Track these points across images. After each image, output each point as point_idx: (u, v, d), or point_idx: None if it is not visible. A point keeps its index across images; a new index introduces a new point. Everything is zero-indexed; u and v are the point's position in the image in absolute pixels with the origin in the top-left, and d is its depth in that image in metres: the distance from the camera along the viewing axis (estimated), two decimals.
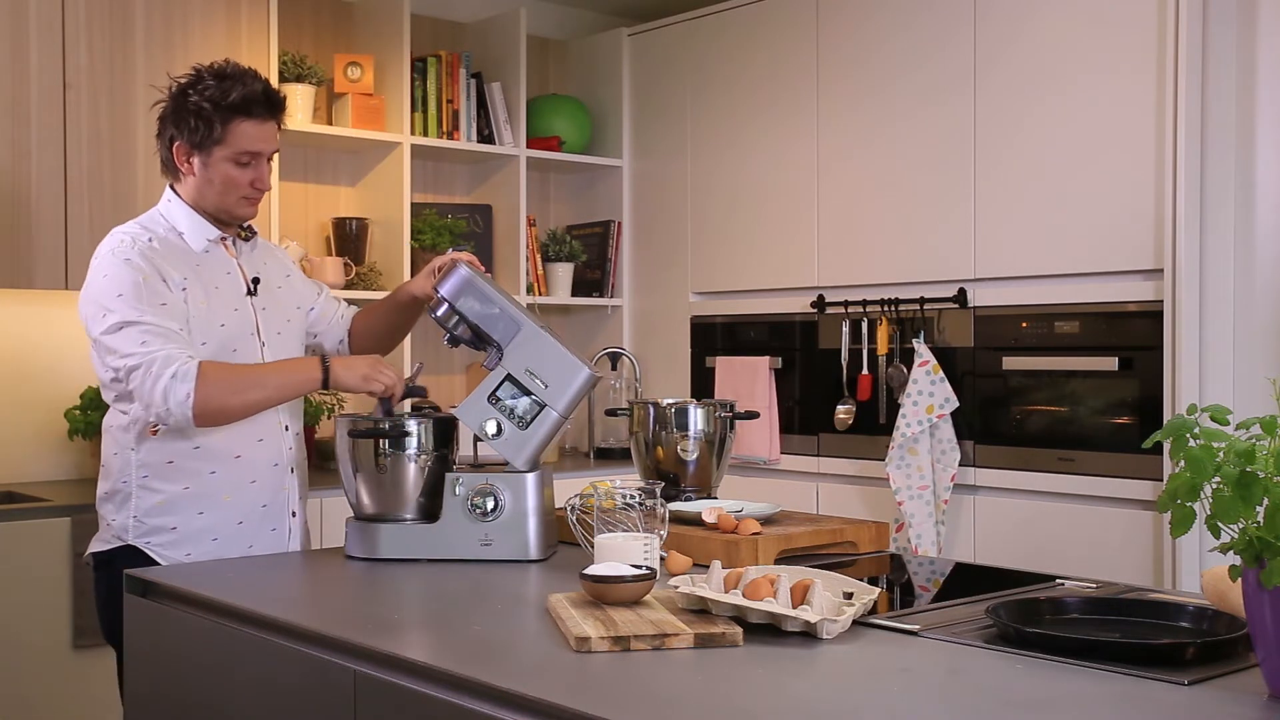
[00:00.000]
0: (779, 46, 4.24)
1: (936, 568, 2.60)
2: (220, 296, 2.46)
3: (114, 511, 2.45)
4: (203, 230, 2.48)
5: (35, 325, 3.83)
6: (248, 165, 2.45)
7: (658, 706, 1.46)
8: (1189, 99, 3.24)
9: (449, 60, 4.44)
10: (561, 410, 2.37)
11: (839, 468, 4.04)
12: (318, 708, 1.80)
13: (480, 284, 2.40)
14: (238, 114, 2.41)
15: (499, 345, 2.39)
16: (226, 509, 2.45)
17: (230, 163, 2.43)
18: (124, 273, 2.36)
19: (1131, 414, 3.35)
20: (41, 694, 3.23)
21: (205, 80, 2.43)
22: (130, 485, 2.43)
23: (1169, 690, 1.47)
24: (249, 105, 2.42)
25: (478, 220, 4.62)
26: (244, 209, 2.50)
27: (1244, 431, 1.41)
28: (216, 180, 2.44)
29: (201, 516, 2.43)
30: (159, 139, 2.50)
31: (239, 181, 2.45)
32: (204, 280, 2.45)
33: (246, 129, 2.42)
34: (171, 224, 2.48)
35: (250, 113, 2.42)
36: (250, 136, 2.43)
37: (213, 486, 2.43)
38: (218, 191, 2.45)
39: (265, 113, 2.44)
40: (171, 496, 2.42)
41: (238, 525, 2.46)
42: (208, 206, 2.48)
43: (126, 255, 2.38)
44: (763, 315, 4.30)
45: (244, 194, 2.47)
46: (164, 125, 2.48)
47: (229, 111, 2.40)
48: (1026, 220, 3.56)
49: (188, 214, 2.48)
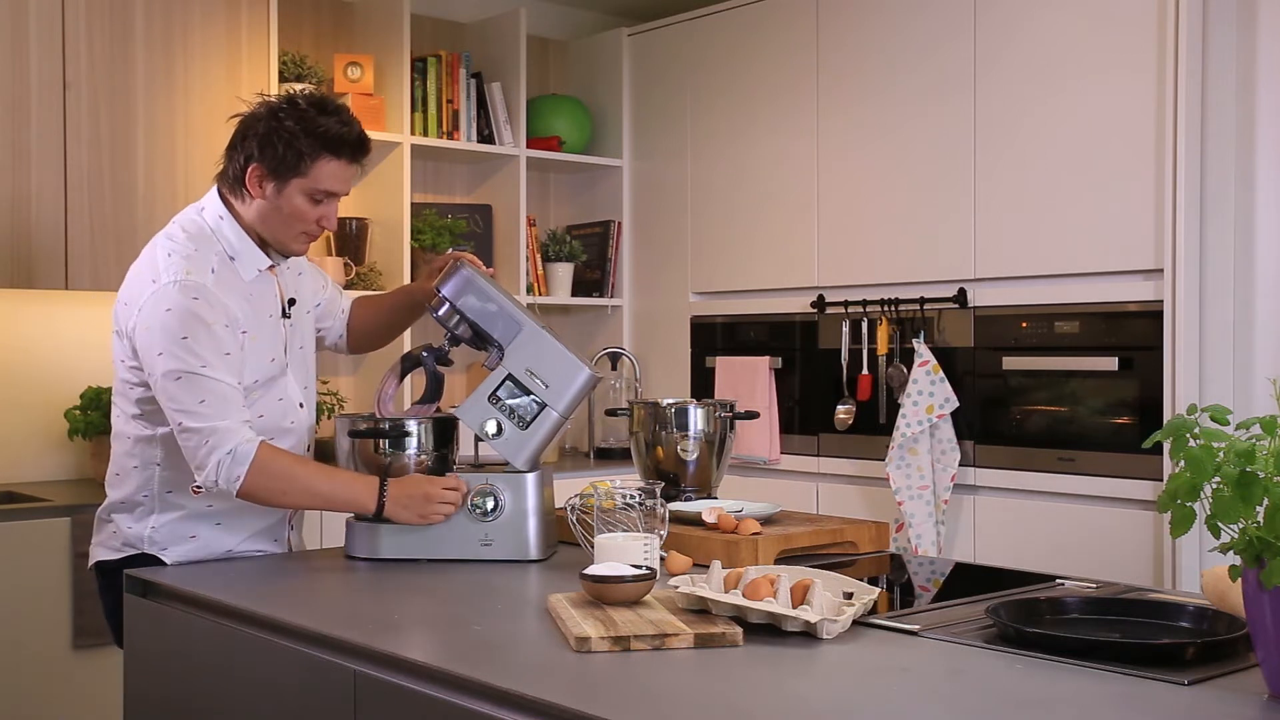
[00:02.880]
0: (779, 46, 4.24)
1: (936, 568, 2.60)
2: (270, 326, 2.40)
3: (131, 521, 2.40)
4: (254, 259, 2.37)
5: (35, 325, 3.83)
6: (320, 203, 2.35)
7: (658, 706, 1.46)
8: (1189, 99, 3.24)
9: (449, 60, 4.44)
10: (562, 410, 2.37)
11: (839, 468, 4.04)
12: (318, 708, 1.80)
13: (481, 283, 2.38)
14: (327, 151, 2.31)
15: (500, 345, 2.38)
16: (243, 523, 2.43)
17: (305, 197, 2.33)
18: (190, 311, 2.24)
19: (1131, 414, 3.35)
20: (41, 694, 3.23)
21: (302, 108, 2.32)
22: (153, 499, 2.39)
23: (1169, 690, 1.47)
24: (341, 145, 2.32)
25: (478, 220, 4.62)
26: (300, 244, 2.40)
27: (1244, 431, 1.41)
28: (285, 211, 2.34)
29: (219, 528, 2.42)
30: (231, 151, 2.36)
31: (307, 217, 2.35)
32: (258, 312, 2.37)
33: (332, 168, 2.33)
34: (225, 245, 2.36)
35: (339, 152, 2.33)
36: (334, 176, 2.34)
37: (234, 504, 2.38)
38: (282, 222, 2.35)
39: (354, 155, 2.36)
40: (194, 511, 2.39)
41: (248, 536, 2.45)
42: (264, 233, 2.37)
43: (195, 293, 2.25)
44: (763, 315, 4.30)
45: (306, 229, 2.37)
46: (244, 142, 2.34)
47: (320, 147, 2.31)
48: (1026, 220, 3.56)
49: (240, 237, 2.36)
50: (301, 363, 2.51)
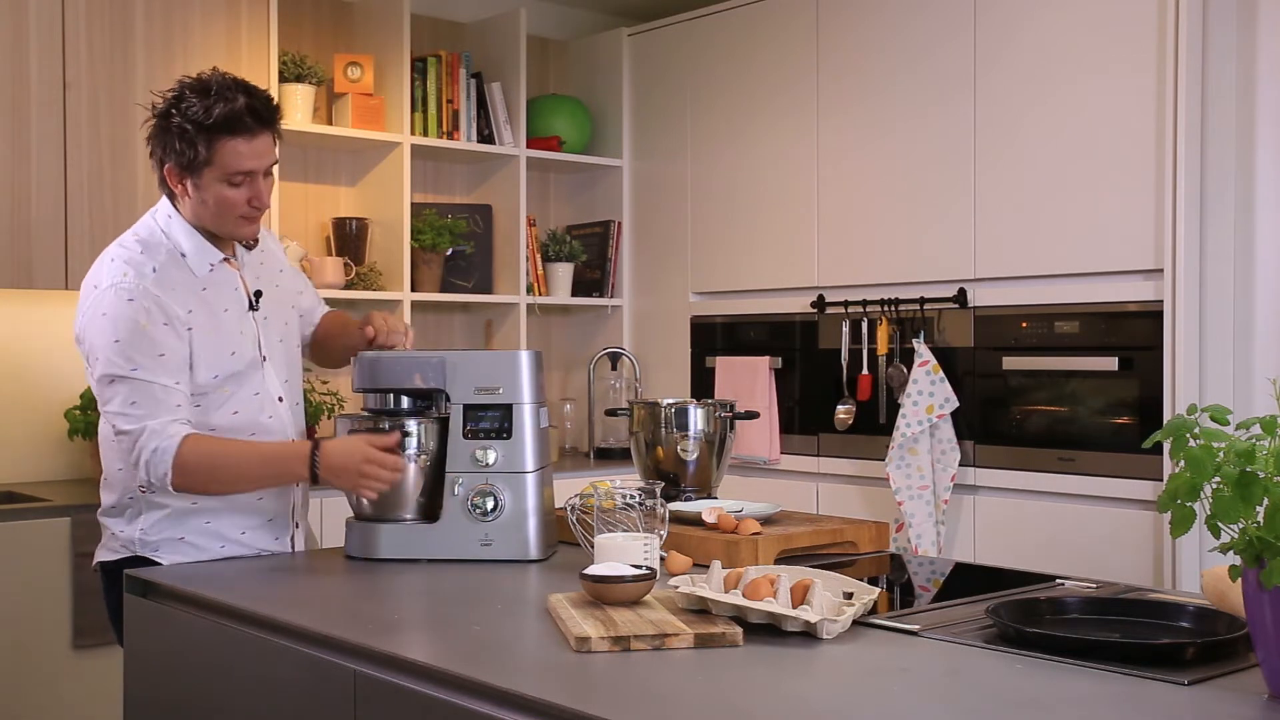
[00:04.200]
0: (779, 46, 4.24)
1: (936, 568, 2.60)
2: (229, 320, 2.39)
3: (122, 524, 2.41)
4: (205, 254, 2.37)
5: (35, 325, 3.83)
6: (241, 185, 2.31)
7: (658, 706, 1.46)
8: (1189, 99, 3.24)
9: (449, 60, 4.44)
10: (529, 399, 2.37)
11: (839, 468, 4.04)
12: (318, 708, 1.80)
13: (384, 358, 2.42)
14: (222, 133, 2.26)
15: (440, 389, 2.38)
16: (232, 519, 2.43)
17: (223, 184, 2.30)
18: (123, 314, 2.25)
19: (1131, 414, 3.35)
20: (41, 694, 3.23)
21: (187, 98, 2.27)
22: (138, 500, 2.39)
23: (1169, 690, 1.47)
24: (233, 123, 2.26)
25: (478, 220, 4.62)
26: (243, 229, 2.37)
27: (1244, 431, 1.41)
28: (210, 202, 2.31)
29: (209, 525, 2.41)
30: (151, 159, 2.37)
31: (234, 201, 2.31)
32: (211, 305, 2.36)
33: (235, 146, 2.27)
34: (174, 244, 2.36)
35: (235, 131, 2.26)
36: (239, 154, 2.28)
37: (218, 501, 2.40)
38: (213, 213, 2.33)
39: (253, 127, 2.28)
40: (178, 510, 2.39)
41: (241, 535, 2.45)
42: (206, 225, 2.37)
43: (130, 295, 2.26)
44: (763, 315, 4.30)
45: (241, 214, 2.34)
46: (152, 146, 2.34)
47: (213, 131, 2.25)
48: (1026, 220, 3.56)
49: (189, 234, 2.36)
50: (282, 356, 2.50)
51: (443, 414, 2.40)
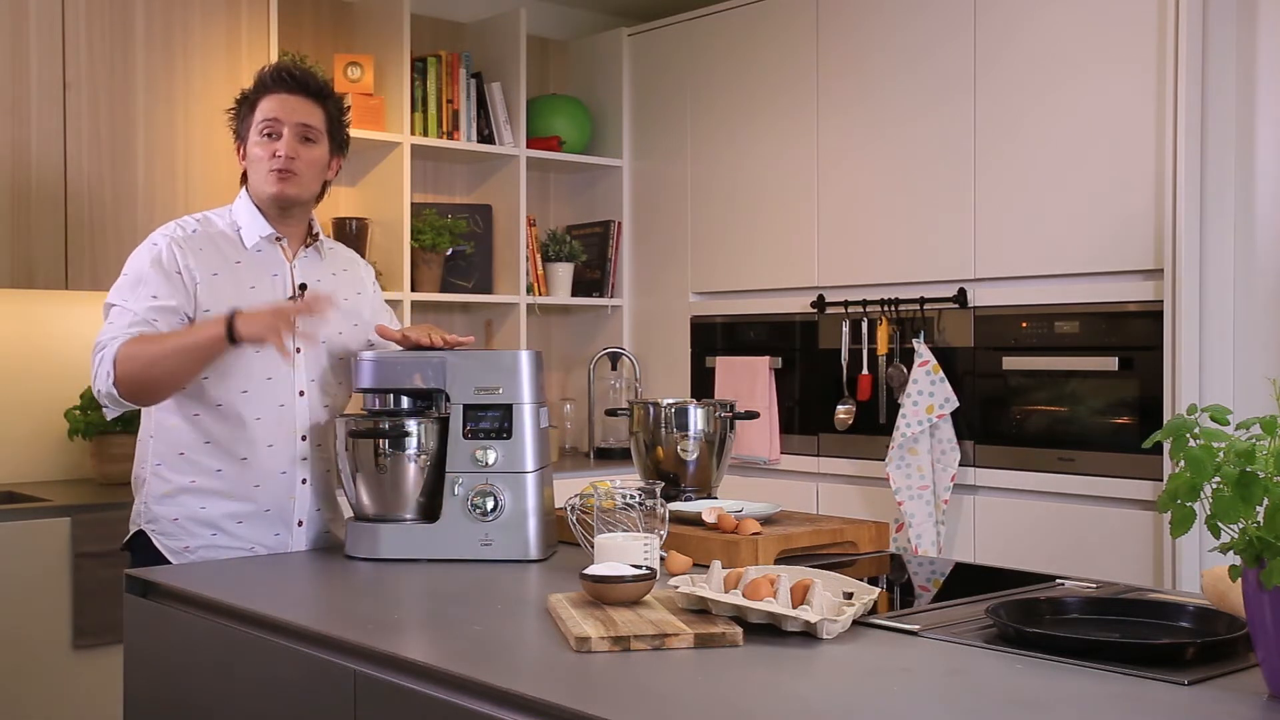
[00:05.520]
0: (779, 46, 4.24)
1: (936, 568, 2.60)
2: (256, 296, 2.44)
3: (137, 497, 2.51)
4: (258, 227, 2.49)
5: (35, 325, 3.82)
6: (270, 137, 2.45)
7: (658, 706, 1.46)
8: (1189, 98, 3.24)
9: (449, 60, 4.44)
10: (528, 399, 2.37)
11: (839, 468, 4.04)
12: (318, 708, 1.80)
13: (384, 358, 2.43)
14: (259, 92, 2.47)
15: (440, 390, 2.39)
16: (228, 507, 2.44)
17: (258, 138, 2.46)
18: (141, 256, 2.43)
19: (1131, 414, 3.35)
20: (41, 694, 3.23)
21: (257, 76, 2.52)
22: (146, 471, 2.47)
23: (1169, 690, 1.47)
24: (271, 81, 2.46)
25: (478, 220, 4.62)
26: (271, 186, 2.45)
27: (1244, 431, 1.41)
28: (252, 160, 2.48)
29: (204, 511, 2.44)
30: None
31: (263, 155, 2.45)
32: (240, 277, 2.45)
33: (268, 102, 2.46)
34: (234, 218, 2.51)
35: (269, 87, 2.46)
36: (270, 105, 2.45)
37: (217, 484, 2.43)
38: (254, 171, 2.48)
39: (290, 85, 2.46)
40: (178, 487, 2.44)
41: (237, 524, 2.46)
42: (254, 192, 2.50)
43: (155, 239, 2.44)
44: (762, 315, 4.30)
45: (270, 167, 2.44)
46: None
47: (256, 90, 2.48)
48: (1026, 220, 3.56)
49: (249, 210, 2.50)
50: (316, 355, 2.52)
51: (443, 414, 2.40)
